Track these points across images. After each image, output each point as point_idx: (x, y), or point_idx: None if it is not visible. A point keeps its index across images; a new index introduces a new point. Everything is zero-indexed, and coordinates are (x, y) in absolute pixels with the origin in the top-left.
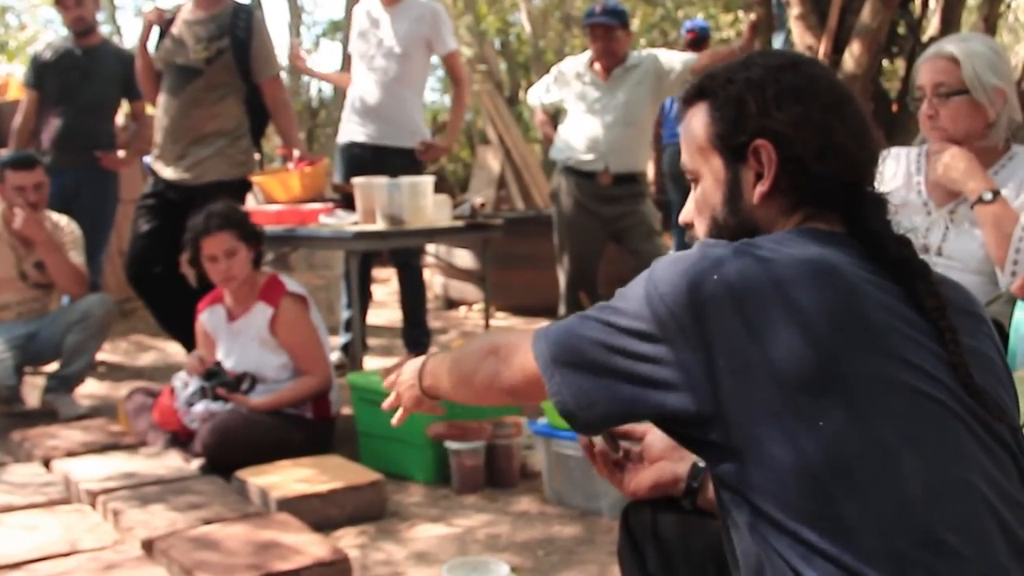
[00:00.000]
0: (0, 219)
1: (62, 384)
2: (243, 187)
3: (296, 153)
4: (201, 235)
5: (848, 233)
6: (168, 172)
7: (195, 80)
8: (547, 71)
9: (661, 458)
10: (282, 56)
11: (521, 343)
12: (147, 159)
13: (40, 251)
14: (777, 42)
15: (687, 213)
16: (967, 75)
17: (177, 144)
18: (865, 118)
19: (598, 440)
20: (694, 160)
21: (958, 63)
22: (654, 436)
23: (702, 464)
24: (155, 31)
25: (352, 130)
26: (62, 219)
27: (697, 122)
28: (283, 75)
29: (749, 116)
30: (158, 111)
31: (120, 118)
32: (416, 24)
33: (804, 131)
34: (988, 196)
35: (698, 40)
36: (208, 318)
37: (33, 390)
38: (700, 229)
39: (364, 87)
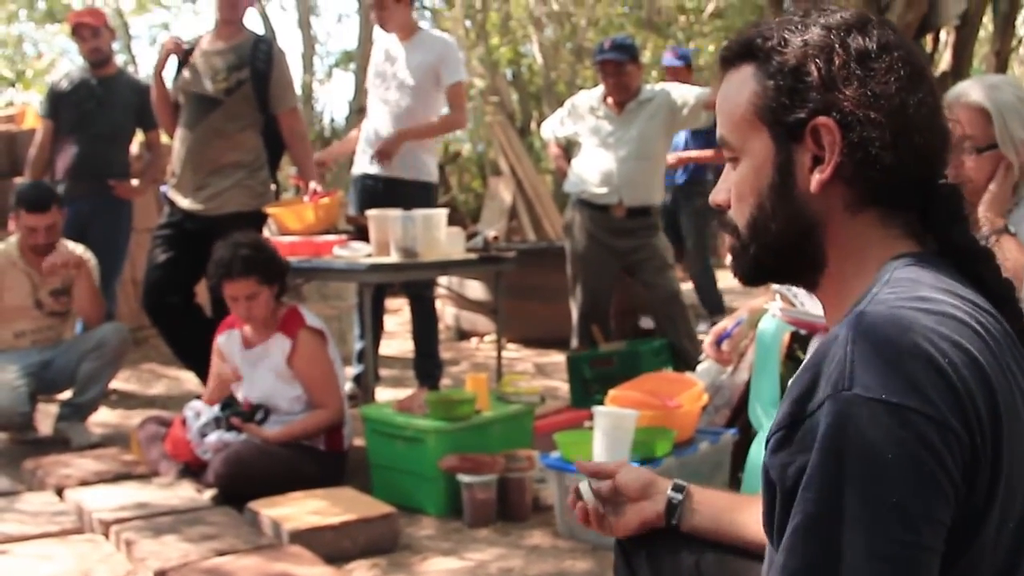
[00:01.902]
0: (17, 249)
1: (75, 412)
2: (260, 218)
3: (312, 185)
4: (224, 277)
5: (936, 252)
6: (186, 203)
7: (214, 110)
8: (559, 102)
9: (640, 498)
10: (297, 90)
11: None
12: (164, 188)
13: (76, 274)
14: None
15: (721, 193)
16: (999, 131)
17: (196, 175)
18: (939, 97)
19: (588, 498)
20: (735, 134)
21: (989, 117)
22: (626, 477)
23: (677, 498)
24: (172, 60)
25: (366, 162)
26: (77, 248)
27: (741, 89)
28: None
29: (810, 88)
30: (176, 141)
31: (135, 147)
32: (427, 56)
33: (876, 111)
34: None
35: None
36: (225, 342)
37: (46, 418)
38: (741, 216)
39: (378, 120)
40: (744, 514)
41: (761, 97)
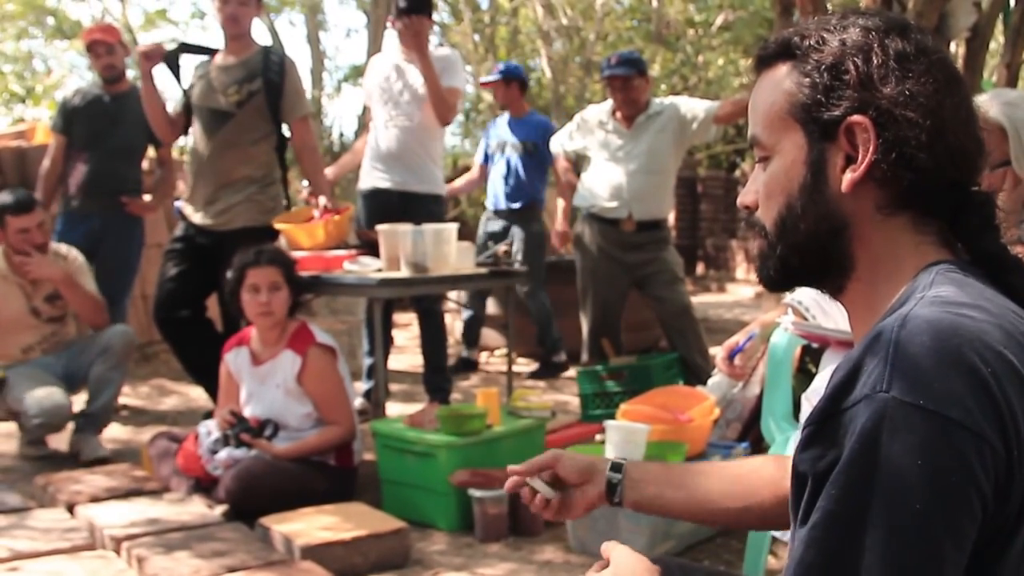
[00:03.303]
0: (3, 260)
1: (90, 423)
2: (271, 234)
3: (323, 201)
4: (249, 265)
5: (969, 261)
6: (197, 217)
7: (227, 123)
8: (568, 116)
9: (582, 482)
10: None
11: None
12: (178, 203)
13: (60, 288)
14: None
15: (749, 195)
16: (1013, 149)
17: (207, 188)
18: (973, 104)
19: (545, 490)
20: (768, 133)
21: (1005, 134)
22: (566, 465)
23: (616, 478)
24: (160, 68)
25: (376, 177)
26: (61, 247)
27: (776, 87)
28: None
29: (847, 86)
30: (189, 155)
31: (146, 164)
32: (436, 69)
33: (913, 111)
34: None
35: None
36: (233, 359)
37: (60, 434)
38: (769, 216)
39: (387, 134)
40: (689, 478)
41: (796, 95)
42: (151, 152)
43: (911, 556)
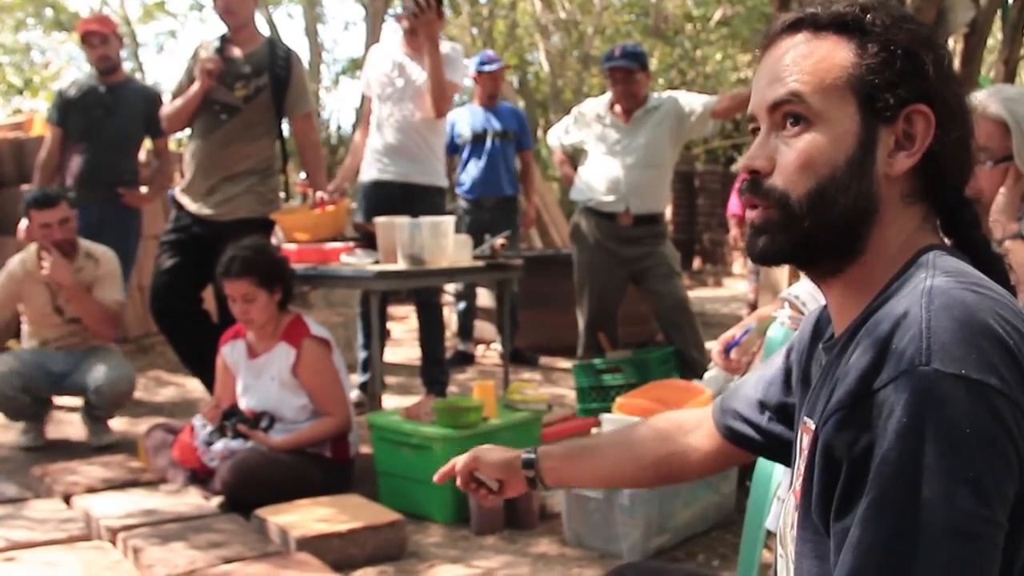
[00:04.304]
0: (34, 258)
1: (101, 406)
2: (269, 225)
3: (319, 194)
4: (222, 276)
5: (955, 248)
6: (196, 207)
7: (232, 118)
8: (565, 110)
9: (506, 476)
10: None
11: None
12: (172, 192)
13: (67, 294)
14: None
15: (759, 159)
16: (1016, 144)
17: (208, 179)
18: None
19: (491, 483)
20: (818, 97)
21: (1007, 130)
22: (486, 469)
23: (531, 474)
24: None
25: (378, 169)
26: (97, 249)
27: (832, 54)
28: None
29: (920, 76)
30: (191, 146)
31: (142, 155)
32: None
33: (964, 112)
34: None
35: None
36: (229, 352)
37: (58, 425)
38: (803, 185)
39: (388, 128)
40: (588, 451)
41: (860, 69)
42: (147, 144)
43: (970, 524)
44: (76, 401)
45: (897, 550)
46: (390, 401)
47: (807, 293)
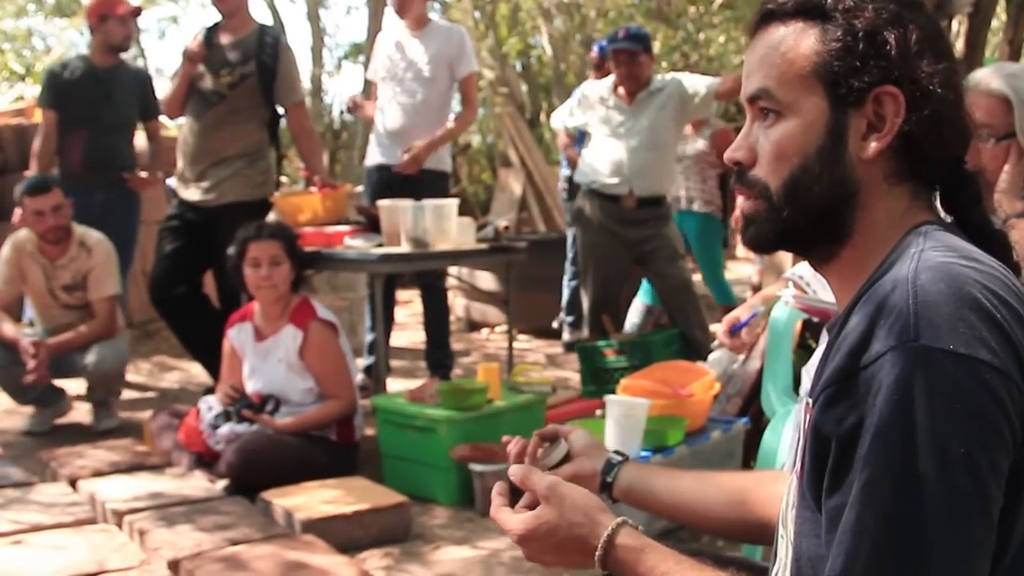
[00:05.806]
0: (32, 237)
1: (92, 381)
2: (263, 208)
3: (318, 180)
4: (251, 239)
5: (952, 224)
6: (188, 193)
7: (218, 104)
8: (568, 94)
9: (582, 454)
10: (306, 82)
11: None
12: (169, 182)
13: (69, 348)
14: None
15: (742, 151)
16: (1018, 120)
17: (197, 166)
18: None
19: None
20: (784, 89)
21: (1009, 106)
22: (578, 435)
23: (616, 459)
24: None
25: (382, 153)
26: (91, 238)
27: (797, 44)
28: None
29: (884, 56)
30: (182, 132)
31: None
32: (443, 46)
33: (943, 87)
34: None
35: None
36: (236, 335)
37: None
38: (778, 176)
39: (392, 111)
40: (680, 482)
41: (823, 56)
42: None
43: (965, 502)
44: (81, 389)
45: (892, 530)
46: (395, 384)
47: (811, 273)
